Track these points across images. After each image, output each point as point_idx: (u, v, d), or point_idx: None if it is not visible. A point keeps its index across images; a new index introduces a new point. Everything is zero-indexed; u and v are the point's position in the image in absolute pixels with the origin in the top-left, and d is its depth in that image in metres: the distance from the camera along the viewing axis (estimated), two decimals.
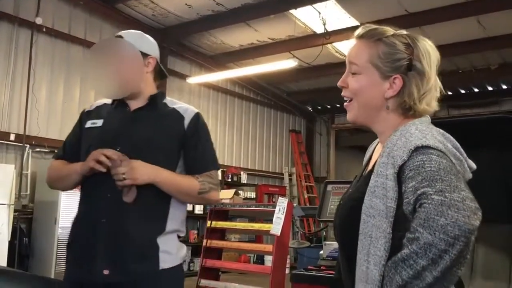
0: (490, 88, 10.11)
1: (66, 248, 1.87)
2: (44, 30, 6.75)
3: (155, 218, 1.77)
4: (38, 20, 6.58)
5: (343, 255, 1.28)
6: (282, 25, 7.61)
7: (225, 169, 9.32)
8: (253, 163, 10.62)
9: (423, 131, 1.18)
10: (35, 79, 6.64)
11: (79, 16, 7.25)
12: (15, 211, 5.79)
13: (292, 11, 7.13)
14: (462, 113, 9.88)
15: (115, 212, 1.73)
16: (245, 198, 9.31)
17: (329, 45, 8.02)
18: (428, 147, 1.12)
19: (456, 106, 10.19)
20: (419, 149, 1.12)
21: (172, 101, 1.96)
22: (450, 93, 10.55)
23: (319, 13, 7.03)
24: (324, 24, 7.22)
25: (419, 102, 1.22)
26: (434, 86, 1.25)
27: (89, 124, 1.90)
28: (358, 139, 13.34)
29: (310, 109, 12.21)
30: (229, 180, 9.28)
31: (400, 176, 1.13)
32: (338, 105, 11.89)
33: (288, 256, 4.01)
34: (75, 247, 1.81)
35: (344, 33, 7.54)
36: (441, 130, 1.22)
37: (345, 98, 1.30)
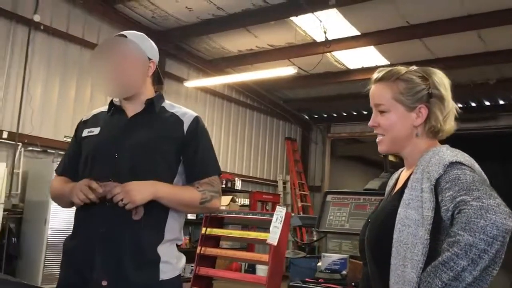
0: (487, 103, 10.10)
1: (62, 254, 1.80)
2: (42, 28, 6.66)
3: (154, 227, 1.71)
4: (36, 18, 6.49)
5: (374, 264, 1.38)
6: (282, 32, 7.57)
7: None
8: (247, 169, 10.55)
9: (453, 151, 1.34)
10: (31, 77, 6.54)
11: (77, 15, 7.17)
12: (4, 210, 5.67)
13: (293, 18, 7.08)
14: (459, 127, 9.86)
15: (114, 222, 1.67)
16: (239, 205, 9.24)
17: (328, 54, 7.99)
18: (460, 163, 1.28)
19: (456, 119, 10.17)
20: (453, 165, 1.28)
21: (171, 104, 1.90)
22: None
23: (320, 21, 6.99)
24: (325, 32, 7.18)
25: (444, 123, 1.42)
26: (452, 107, 1.44)
27: (86, 132, 1.85)
28: (353, 149, 13.33)
29: (307, 117, 12.17)
30: (223, 186, 9.20)
31: (436, 188, 1.26)
32: (334, 115, 11.86)
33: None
34: (72, 255, 1.74)
35: (344, 42, 7.51)
36: (466, 154, 1.37)
37: (378, 135, 1.46)
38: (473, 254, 1.10)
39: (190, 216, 8.54)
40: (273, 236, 2.90)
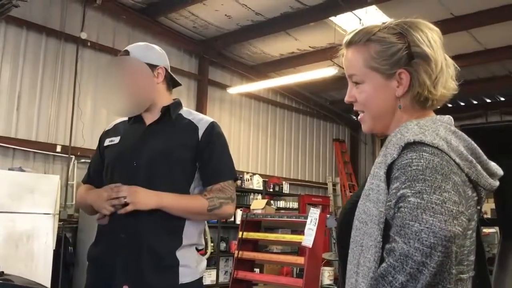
0: None
1: (87, 261, 1.86)
2: (89, 44, 6.95)
3: (171, 232, 1.75)
4: (83, 35, 6.79)
5: (339, 266, 1.16)
6: (322, 33, 7.51)
7: (266, 179, 9.26)
8: (295, 173, 10.50)
9: (423, 127, 1.04)
10: (80, 92, 6.84)
11: (122, 30, 7.43)
12: (60, 220, 5.94)
13: (332, 18, 7.01)
14: None
15: (133, 227, 1.72)
16: (287, 209, 9.19)
17: None
18: (421, 143, 0.99)
19: (509, 112, 9.71)
20: (410, 146, 1.00)
21: (189, 111, 1.93)
22: (502, 99, 10.08)
23: (360, 19, 6.87)
24: None
25: (434, 88, 1.10)
26: (446, 65, 1.14)
27: (107, 142, 1.92)
28: None
29: (354, 117, 11.97)
30: (271, 190, 9.19)
31: (389, 176, 1.00)
32: None
33: (333, 268, 3.92)
34: (95, 261, 1.81)
35: None
36: (454, 129, 1.08)
37: (358, 112, 1.20)
38: (410, 267, 0.88)
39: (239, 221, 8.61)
40: (308, 238, 2.87)
